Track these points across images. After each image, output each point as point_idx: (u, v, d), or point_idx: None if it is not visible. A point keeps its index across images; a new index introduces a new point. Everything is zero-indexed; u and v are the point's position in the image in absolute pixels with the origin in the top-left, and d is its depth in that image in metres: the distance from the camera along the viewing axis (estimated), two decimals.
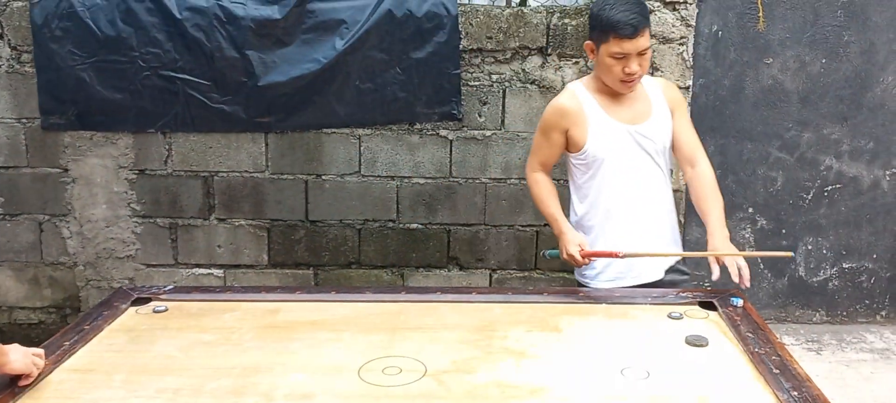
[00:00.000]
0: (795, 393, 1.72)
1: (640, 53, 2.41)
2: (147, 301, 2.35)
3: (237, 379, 1.86)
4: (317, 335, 2.12)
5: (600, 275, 2.58)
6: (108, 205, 3.77)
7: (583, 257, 2.47)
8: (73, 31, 3.51)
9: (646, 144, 2.54)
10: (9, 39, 3.63)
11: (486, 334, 2.12)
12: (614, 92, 2.52)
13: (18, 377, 1.79)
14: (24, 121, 3.68)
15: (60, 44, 3.53)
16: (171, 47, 3.54)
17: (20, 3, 3.57)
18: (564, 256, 2.53)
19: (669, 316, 2.22)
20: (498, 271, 3.94)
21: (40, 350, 1.89)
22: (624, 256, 2.44)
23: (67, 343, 2.02)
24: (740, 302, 2.23)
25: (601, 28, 2.41)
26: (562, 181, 3.03)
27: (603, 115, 2.52)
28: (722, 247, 2.38)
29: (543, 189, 2.66)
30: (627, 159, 2.53)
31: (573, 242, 2.49)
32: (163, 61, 3.55)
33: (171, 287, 2.45)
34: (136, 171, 3.75)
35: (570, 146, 2.57)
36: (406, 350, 2.00)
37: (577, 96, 2.56)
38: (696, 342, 2.04)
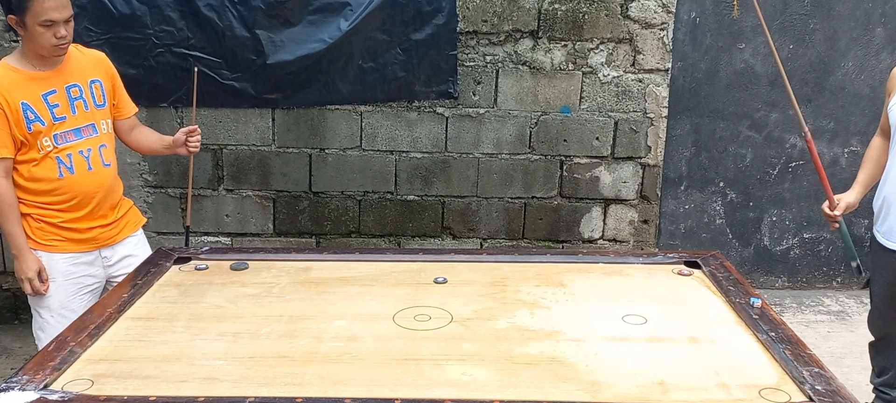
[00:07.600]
0: (773, 334, 2.02)
1: None
2: (187, 260, 2.57)
3: (287, 325, 2.10)
4: (349, 289, 2.37)
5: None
6: (122, 176, 3.92)
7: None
8: (90, 8, 3.66)
9: None
10: None
11: (499, 288, 2.39)
12: None
13: None
14: None
15: (77, 21, 3.64)
16: (184, 26, 3.72)
17: None
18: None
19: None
20: (488, 240, 4.21)
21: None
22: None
23: (126, 294, 2.24)
24: (758, 302, 2.21)
25: None
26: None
27: None
28: None
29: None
30: None
31: None
32: (176, 39, 3.73)
33: (207, 248, 2.67)
34: None
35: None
36: (431, 301, 2.27)
37: None
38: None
